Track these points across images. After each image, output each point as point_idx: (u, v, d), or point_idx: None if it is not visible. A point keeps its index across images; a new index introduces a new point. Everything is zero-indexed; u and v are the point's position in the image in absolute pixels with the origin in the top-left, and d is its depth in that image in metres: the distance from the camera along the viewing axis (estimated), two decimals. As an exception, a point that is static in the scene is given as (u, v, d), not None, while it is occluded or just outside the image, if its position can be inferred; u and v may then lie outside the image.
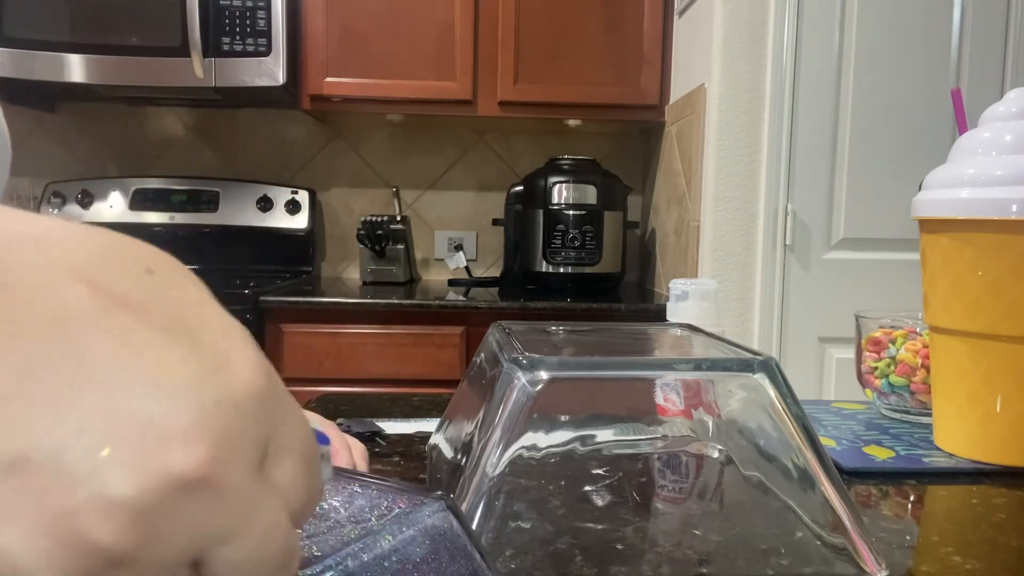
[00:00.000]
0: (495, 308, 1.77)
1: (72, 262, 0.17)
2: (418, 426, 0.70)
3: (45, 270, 0.17)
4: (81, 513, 0.15)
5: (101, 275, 0.17)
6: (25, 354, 0.16)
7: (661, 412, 0.47)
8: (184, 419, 0.16)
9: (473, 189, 2.34)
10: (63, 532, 0.15)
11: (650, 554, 0.42)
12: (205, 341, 0.18)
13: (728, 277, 1.67)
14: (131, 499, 0.16)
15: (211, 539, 0.17)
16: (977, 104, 0.68)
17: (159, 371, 0.17)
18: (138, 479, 0.16)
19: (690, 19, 1.86)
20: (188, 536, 0.17)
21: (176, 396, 0.17)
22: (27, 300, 0.16)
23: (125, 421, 0.16)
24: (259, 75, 1.85)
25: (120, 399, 0.16)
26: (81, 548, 0.15)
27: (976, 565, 0.43)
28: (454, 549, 0.25)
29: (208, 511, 0.17)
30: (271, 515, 0.18)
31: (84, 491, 0.15)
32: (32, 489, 0.15)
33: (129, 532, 0.16)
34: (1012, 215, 0.56)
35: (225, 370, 0.18)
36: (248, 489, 0.17)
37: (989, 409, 0.60)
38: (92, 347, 0.16)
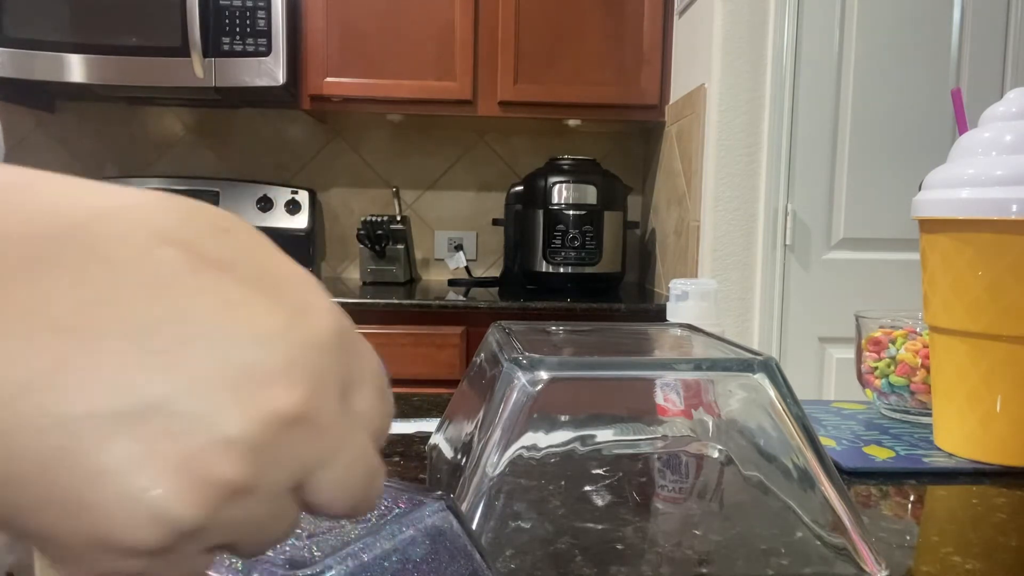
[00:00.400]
0: (495, 308, 1.77)
1: (159, 228, 0.19)
2: (418, 426, 0.70)
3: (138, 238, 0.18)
4: (204, 454, 0.17)
5: (188, 236, 0.19)
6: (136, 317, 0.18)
7: (661, 412, 0.47)
8: (279, 364, 0.19)
9: (473, 189, 2.34)
10: (191, 471, 0.17)
11: (650, 554, 0.42)
12: (285, 291, 0.20)
13: (728, 277, 1.67)
14: (245, 437, 0.18)
15: (310, 466, 0.19)
16: (977, 104, 0.68)
17: (252, 323, 0.19)
18: (248, 420, 0.18)
19: (690, 19, 1.86)
20: (292, 465, 0.19)
21: (270, 344, 0.19)
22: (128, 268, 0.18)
23: (230, 370, 0.18)
24: (259, 75, 1.85)
25: (223, 351, 0.18)
26: (207, 484, 0.18)
27: (976, 565, 0.43)
28: (454, 549, 0.25)
29: (306, 442, 0.19)
30: (357, 442, 0.21)
31: (204, 434, 0.17)
32: (159, 436, 0.17)
33: (246, 466, 0.18)
34: (1012, 215, 0.56)
35: (307, 316, 0.20)
36: (337, 421, 0.20)
37: (989, 409, 0.60)
38: (192, 306, 0.18)
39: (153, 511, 0.17)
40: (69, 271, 0.17)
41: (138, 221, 0.19)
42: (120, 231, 0.18)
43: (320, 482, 0.20)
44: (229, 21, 1.83)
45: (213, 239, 0.19)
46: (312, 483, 0.20)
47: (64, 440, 0.17)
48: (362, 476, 0.21)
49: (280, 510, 0.20)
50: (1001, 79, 1.65)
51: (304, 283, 0.21)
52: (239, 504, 0.18)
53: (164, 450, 0.17)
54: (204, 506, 0.18)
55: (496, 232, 2.28)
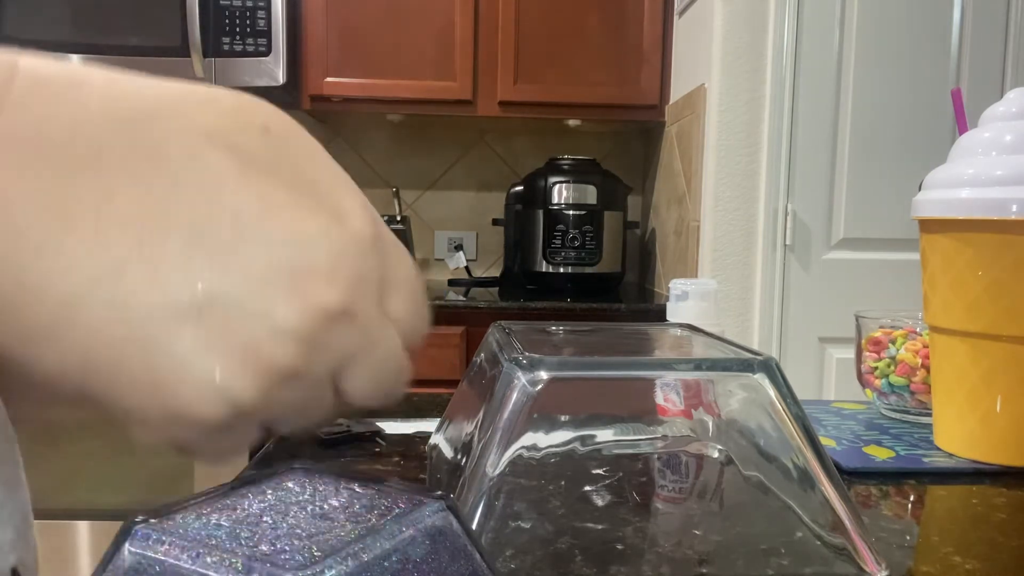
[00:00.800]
0: (495, 308, 1.77)
1: (206, 128, 0.20)
2: (418, 426, 0.70)
3: (187, 138, 0.20)
4: (261, 341, 0.20)
5: (233, 138, 0.20)
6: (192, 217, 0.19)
7: (661, 412, 0.47)
8: (323, 264, 0.20)
9: (473, 189, 2.34)
10: (250, 358, 0.20)
11: (650, 554, 0.42)
12: (324, 194, 0.21)
13: (728, 277, 1.67)
14: (296, 328, 0.20)
15: (348, 358, 0.21)
16: (977, 104, 0.68)
17: (297, 226, 0.20)
18: (298, 313, 0.20)
19: (690, 19, 1.86)
20: (333, 356, 0.21)
21: (314, 245, 0.20)
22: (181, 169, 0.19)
23: (279, 268, 0.20)
24: (259, 75, 1.85)
25: (272, 251, 0.20)
26: (264, 369, 0.20)
27: (976, 565, 0.43)
28: (454, 549, 0.25)
29: (347, 336, 0.21)
30: (389, 340, 0.23)
31: (261, 325, 0.20)
32: (221, 327, 0.19)
33: (296, 353, 0.20)
34: (1012, 215, 0.56)
35: (346, 220, 0.21)
36: (374, 319, 0.22)
37: (989, 409, 0.60)
38: (241, 208, 0.20)
39: (218, 391, 0.19)
40: (128, 169, 0.19)
41: (188, 120, 0.20)
42: (172, 129, 0.20)
43: (355, 373, 0.22)
44: (229, 21, 1.83)
45: (255, 140, 0.21)
46: (348, 373, 0.22)
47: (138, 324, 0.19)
48: (392, 372, 0.23)
49: (320, 395, 0.22)
50: (1001, 79, 1.65)
51: (342, 186, 0.22)
52: (288, 388, 0.20)
53: (226, 339, 0.19)
54: (261, 388, 0.20)
55: (496, 232, 2.28)
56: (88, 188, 0.18)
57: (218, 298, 0.19)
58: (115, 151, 0.19)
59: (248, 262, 0.20)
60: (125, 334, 0.19)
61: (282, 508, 0.25)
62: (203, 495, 0.25)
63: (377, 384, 0.23)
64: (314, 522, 0.24)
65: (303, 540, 0.22)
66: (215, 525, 0.23)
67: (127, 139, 0.19)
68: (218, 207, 0.19)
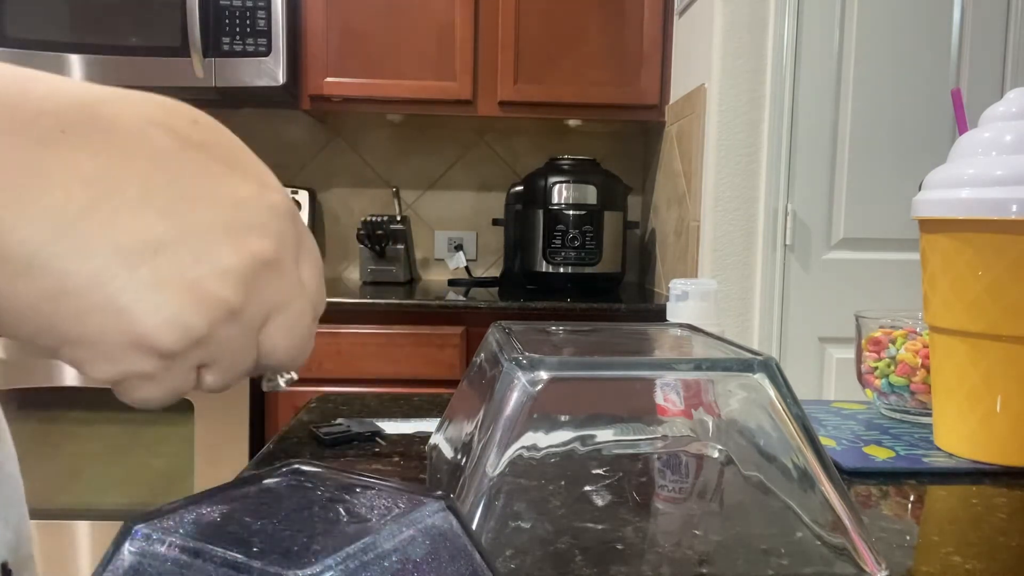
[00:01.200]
0: (495, 308, 1.77)
1: (148, 114, 0.24)
2: (418, 426, 0.70)
3: (134, 119, 0.23)
4: (208, 279, 0.23)
5: (170, 123, 0.24)
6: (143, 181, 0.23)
7: (661, 412, 0.47)
8: (255, 220, 0.24)
9: (473, 189, 2.34)
10: (198, 292, 0.23)
11: (650, 554, 0.42)
12: (249, 169, 0.26)
13: (728, 277, 1.67)
14: (237, 267, 0.24)
15: (274, 307, 0.25)
16: (977, 104, 0.68)
17: (231, 190, 0.24)
18: (238, 255, 0.24)
19: (690, 19, 1.86)
20: (264, 301, 0.25)
21: (246, 206, 0.24)
22: (131, 143, 0.23)
23: (219, 221, 0.24)
24: (259, 75, 1.85)
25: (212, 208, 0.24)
26: (211, 302, 0.23)
27: (976, 565, 0.43)
28: (454, 549, 0.25)
29: (275, 285, 0.25)
30: (304, 300, 0.26)
31: (207, 266, 0.23)
32: (173, 265, 0.23)
33: (239, 290, 0.24)
34: (1012, 215, 0.56)
35: (269, 191, 0.26)
36: (293, 275, 0.26)
37: (989, 409, 0.60)
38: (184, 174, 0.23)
39: (173, 320, 0.23)
40: (87, 142, 0.22)
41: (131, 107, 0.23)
42: (119, 112, 0.23)
43: (277, 323, 0.25)
44: (229, 21, 1.83)
45: (190, 126, 0.24)
46: (271, 323, 0.25)
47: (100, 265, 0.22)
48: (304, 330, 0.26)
49: (250, 343, 0.25)
50: (1001, 79, 1.65)
51: (261, 167, 0.26)
52: (228, 325, 0.24)
53: (178, 276, 0.23)
54: (208, 320, 0.23)
55: (496, 232, 2.28)
56: (55, 156, 0.21)
57: (169, 243, 0.22)
58: (75, 128, 0.22)
59: (193, 216, 0.23)
60: (91, 270, 0.22)
61: (282, 508, 0.25)
62: (203, 495, 0.25)
63: (292, 340, 0.26)
64: (314, 522, 0.24)
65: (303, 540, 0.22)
66: (215, 525, 0.23)
67: (84, 118, 0.22)
68: (165, 172, 0.23)
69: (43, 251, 0.21)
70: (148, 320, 0.22)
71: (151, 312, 0.22)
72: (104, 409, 1.73)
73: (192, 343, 0.23)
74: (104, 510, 1.74)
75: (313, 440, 0.66)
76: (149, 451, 1.75)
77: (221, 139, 0.25)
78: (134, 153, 0.23)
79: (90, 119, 0.22)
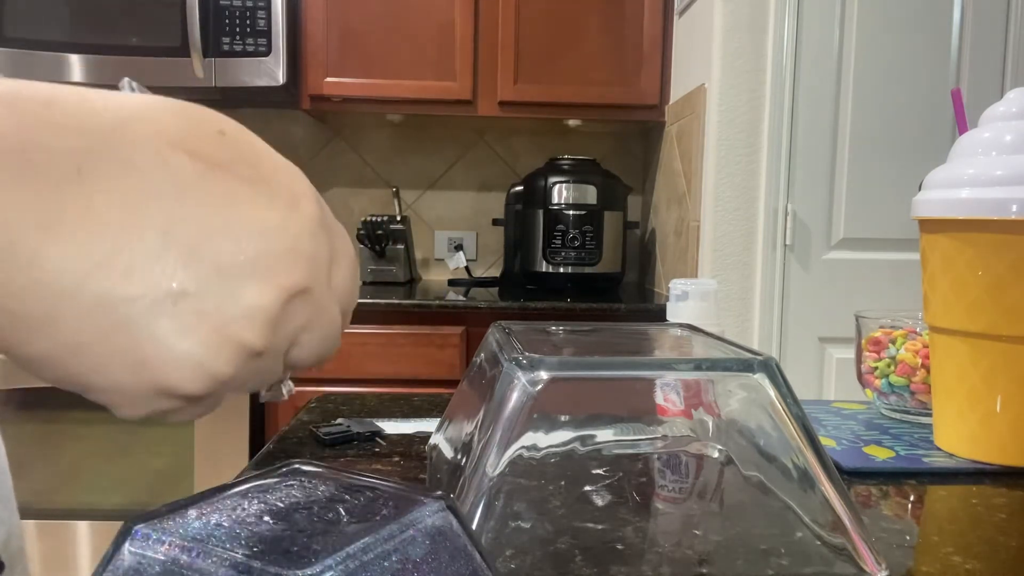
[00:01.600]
0: (495, 308, 1.77)
1: (170, 135, 0.22)
2: (418, 426, 0.70)
3: (153, 144, 0.22)
4: (233, 322, 0.22)
5: (193, 143, 0.23)
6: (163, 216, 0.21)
7: (661, 412, 0.47)
8: (283, 250, 0.23)
9: (473, 189, 2.34)
10: (222, 337, 0.22)
11: (650, 554, 0.42)
12: (278, 185, 0.24)
13: (728, 277, 1.67)
14: (265, 308, 0.23)
15: (303, 328, 0.24)
16: (977, 104, 0.68)
17: (257, 217, 0.23)
18: (266, 295, 0.23)
19: (690, 19, 1.86)
20: (291, 330, 0.24)
21: (274, 234, 0.23)
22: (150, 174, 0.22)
23: (245, 257, 0.22)
24: (259, 75, 1.85)
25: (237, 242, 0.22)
26: (236, 347, 0.22)
27: (976, 565, 0.43)
28: (454, 549, 0.25)
29: (304, 310, 0.24)
30: (334, 309, 0.26)
31: (232, 308, 0.22)
32: (196, 312, 0.22)
33: (266, 331, 0.23)
34: (1012, 215, 0.56)
35: (298, 207, 0.24)
36: (324, 293, 0.25)
37: (989, 409, 0.60)
38: (206, 205, 0.22)
39: (199, 369, 0.22)
40: (103, 179, 0.21)
41: (153, 127, 0.22)
42: (139, 137, 0.22)
43: (305, 341, 0.25)
44: (229, 21, 1.83)
45: (213, 143, 0.23)
46: (300, 341, 0.25)
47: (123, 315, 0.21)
48: (333, 338, 0.26)
49: (277, 364, 0.25)
50: (1001, 79, 1.65)
51: (290, 175, 0.25)
52: (256, 361, 0.23)
53: (202, 322, 0.22)
54: (235, 362, 0.23)
55: (496, 232, 2.28)
56: (70, 199, 0.20)
57: (191, 290, 0.22)
58: (93, 164, 0.21)
59: (216, 254, 0.22)
60: (111, 323, 0.21)
61: (282, 508, 0.25)
62: (203, 495, 0.25)
63: (320, 350, 0.26)
64: (314, 522, 0.24)
65: (303, 540, 0.22)
66: (215, 525, 0.23)
67: (99, 150, 0.21)
68: (185, 207, 0.22)
69: (58, 307, 0.21)
70: (171, 372, 0.22)
71: (173, 364, 0.22)
72: (104, 409, 1.73)
73: (219, 385, 0.23)
74: (104, 510, 1.74)
75: (313, 440, 0.66)
76: (149, 451, 1.75)
77: (247, 153, 0.24)
78: (154, 184, 0.21)
79: (107, 151, 0.21)
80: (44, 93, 0.21)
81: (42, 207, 0.20)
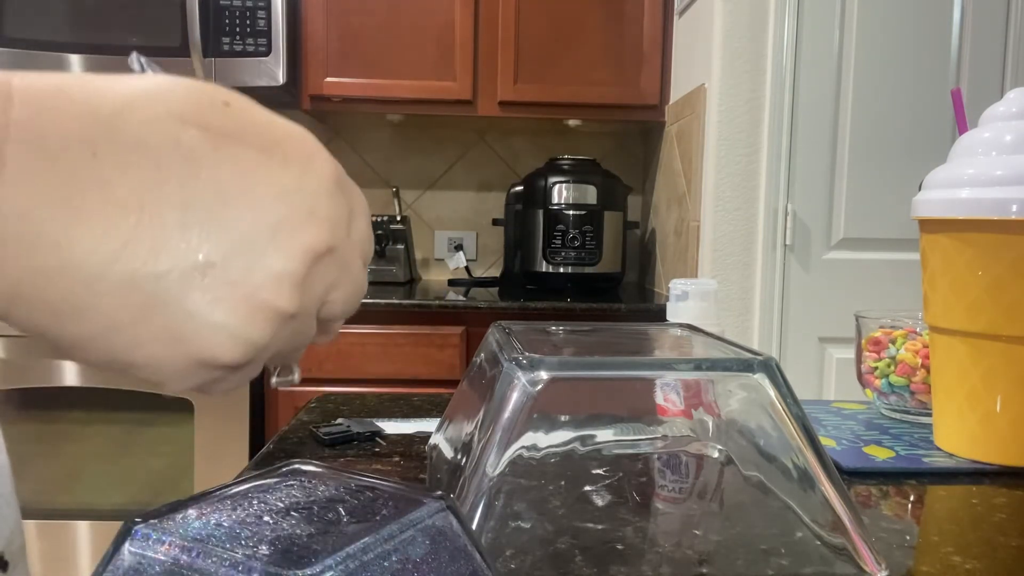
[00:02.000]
0: (495, 308, 1.77)
1: (178, 111, 0.22)
2: (418, 426, 0.70)
3: (164, 123, 0.22)
4: (262, 288, 0.22)
5: (201, 117, 0.23)
6: (181, 192, 0.22)
7: (661, 412, 0.47)
8: (303, 212, 0.23)
9: (473, 189, 2.34)
10: (254, 304, 0.22)
11: (650, 554, 0.42)
12: (289, 149, 0.24)
13: (728, 277, 1.67)
14: (292, 272, 0.23)
15: (331, 286, 0.25)
16: (977, 104, 0.68)
17: (272, 182, 0.23)
18: (291, 258, 0.23)
19: (690, 19, 1.86)
20: (322, 288, 0.24)
21: (291, 197, 0.23)
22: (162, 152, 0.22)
23: (266, 223, 0.23)
24: (259, 75, 1.85)
25: (256, 210, 0.23)
26: (270, 312, 0.23)
27: (976, 565, 0.43)
28: (454, 549, 0.25)
29: (331, 269, 0.24)
30: (357, 263, 0.26)
31: (260, 275, 0.22)
32: (226, 282, 0.22)
33: (295, 294, 0.23)
34: (1012, 215, 0.56)
35: (312, 167, 0.24)
36: (348, 249, 0.25)
37: (989, 409, 0.60)
38: (221, 176, 0.22)
39: (236, 337, 0.22)
40: (119, 161, 0.21)
41: (160, 106, 0.22)
42: (148, 116, 0.22)
43: (335, 298, 0.25)
44: (229, 21, 1.83)
45: (221, 115, 0.23)
46: (328, 300, 0.25)
47: (153, 293, 0.21)
48: (359, 290, 0.26)
49: (311, 324, 0.25)
50: (1001, 79, 1.65)
51: (300, 138, 0.25)
52: (290, 324, 0.24)
53: (233, 292, 0.22)
54: (270, 329, 0.23)
55: (496, 232, 2.28)
56: (89, 183, 0.21)
57: (217, 261, 0.22)
58: (105, 147, 0.21)
59: (238, 223, 0.22)
60: (142, 300, 0.21)
61: (282, 508, 0.25)
62: (203, 495, 0.25)
63: (347, 304, 0.26)
64: (314, 522, 0.24)
65: (303, 540, 0.22)
66: (215, 525, 0.23)
67: (114, 134, 0.21)
68: (201, 180, 0.22)
69: (89, 290, 0.21)
70: (208, 343, 0.22)
71: (209, 335, 0.22)
72: (104, 409, 1.73)
73: (257, 351, 0.23)
74: (104, 510, 1.74)
75: (313, 440, 0.66)
76: (149, 451, 1.75)
77: (256, 120, 0.24)
78: (168, 164, 0.22)
79: (119, 132, 0.21)
80: (52, 82, 0.22)
81: (63, 194, 0.20)
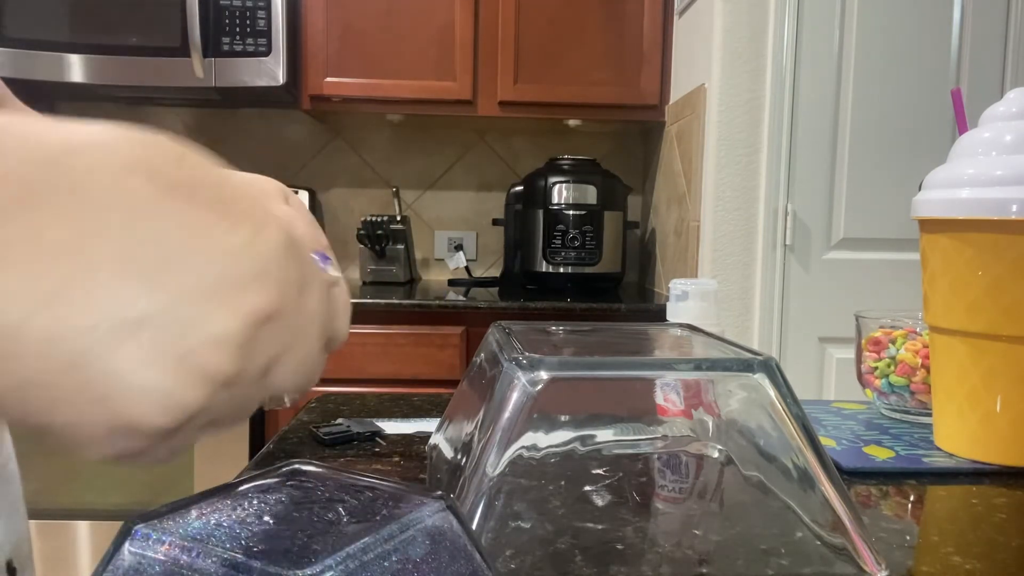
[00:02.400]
0: (495, 308, 1.77)
1: (125, 159, 0.21)
2: (418, 426, 0.70)
3: (110, 166, 0.20)
4: (198, 349, 0.21)
5: (151, 168, 0.21)
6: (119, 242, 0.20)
7: (661, 412, 0.47)
8: (250, 272, 0.22)
9: (473, 189, 2.34)
10: (190, 365, 0.20)
11: (650, 554, 0.42)
12: (243, 206, 0.23)
13: (728, 277, 1.67)
14: (233, 334, 0.21)
15: (278, 354, 0.23)
16: (977, 104, 0.68)
17: (219, 241, 0.21)
18: (234, 318, 0.21)
19: (690, 19, 1.86)
20: (265, 355, 0.22)
21: (239, 256, 0.22)
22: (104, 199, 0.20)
23: (209, 281, 0.21)
24: (259, 75, 1.85)
25: (200, 266, 0.21)
26: (205, 375, 0.21)
27: (976, 565, 0.43)
28: (454, 549, 0.25)
29: (279, 336, 0.23)
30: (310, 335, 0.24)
31: (198, 335, 0.20)
32: (159, 340, 0.20)
33: (235, 358, 0.21)
34: (1012, 215, 0.56)
35: (264, 231, 0.23)
36: (300, 318, 0.23)
37: (989, 409, 0.60)
38: (166, 230, 0.21)
39: (164, 401, 0.20)
40: (55, 206, 0.19)
41: (107, 152, 0.21)
42: (91, 163, 0.20)
43: (281, 369, 0.23)
44: (229, 21, 1.83)
45: (174, 167, 0.22)
46: (275, 369, 0.23)
47: (78, 348, 0.19)
48: (311, 365, 0.25)
49: (254, 394, 0.23)
50: (1001, 79, 1.65)
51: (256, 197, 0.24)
52: (228, 390, 0.22)
53: (166, 351, 0.20)
54: (204, 392, 0.21)
55: (496, 232, 2.28)
56: (20, 228, 0.19)
57: (154, 315, 0.20)
58: (41, 190, 0.19)
59: (180, 279, 0.20)
60: (65, 357, 0.19)
61: (282, 508, 0.25)
62: (203, 495, 0.25)
63: (298, 377, 0.24)
64: (314, 522, 0.24)
65: (303, 540, 0.22)
66: (215, 525, 0.23)
67: (51, 177, 0.20)
68: (145, 229, 0.20)
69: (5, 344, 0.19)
70: (133, 406, 0.20)
71: (135, 397, 0.20)
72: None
73: (188, 417, 0.21)
74: (104, 510, 1.74)
75: (313, 440, 0.66)
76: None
77: (209, 176, 0.23)
78: (109, 209, 0.20)
79: (58, 176, 0.20)
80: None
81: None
